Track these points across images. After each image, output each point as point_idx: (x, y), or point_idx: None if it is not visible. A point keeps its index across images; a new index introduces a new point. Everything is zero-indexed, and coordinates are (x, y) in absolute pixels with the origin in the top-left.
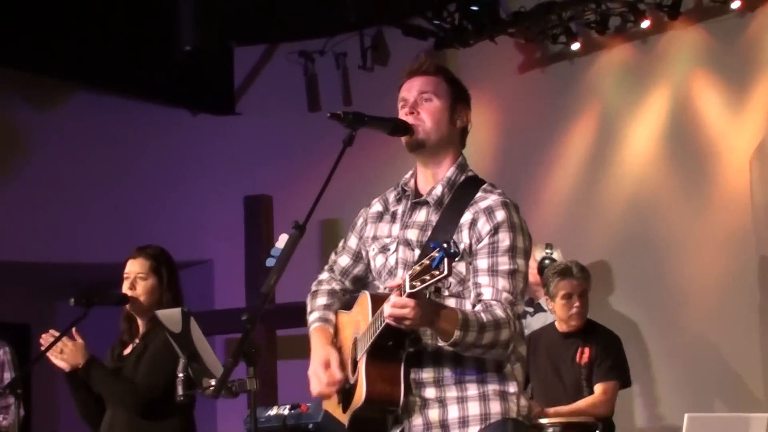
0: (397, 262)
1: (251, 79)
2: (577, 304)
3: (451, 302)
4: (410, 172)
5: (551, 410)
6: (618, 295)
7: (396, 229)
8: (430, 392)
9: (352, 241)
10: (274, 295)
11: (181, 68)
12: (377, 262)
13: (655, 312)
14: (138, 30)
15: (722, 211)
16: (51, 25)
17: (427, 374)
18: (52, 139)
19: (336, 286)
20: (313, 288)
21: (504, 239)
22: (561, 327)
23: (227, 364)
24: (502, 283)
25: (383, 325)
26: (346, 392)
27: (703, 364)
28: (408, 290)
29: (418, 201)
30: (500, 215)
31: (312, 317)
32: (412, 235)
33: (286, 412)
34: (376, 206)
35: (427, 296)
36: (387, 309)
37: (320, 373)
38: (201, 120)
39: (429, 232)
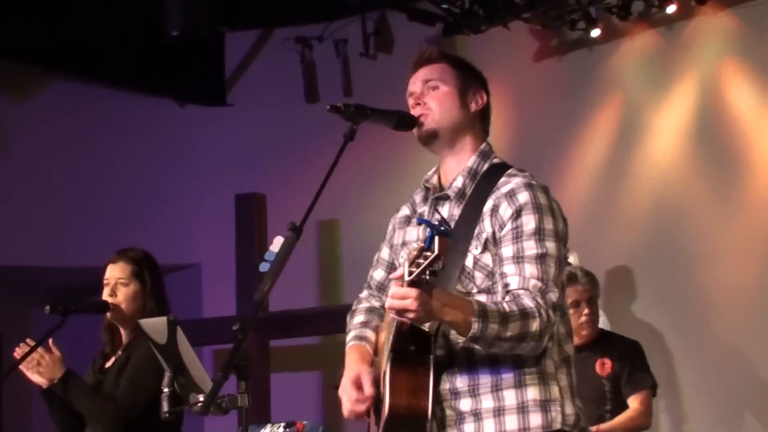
0: None
1: (244, 68)
2: (586, 311)
3: (481, 299)
4: (433, 169)
5: (592, 428)
6: (641, 303)
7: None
8: (465, 404)
9: (385, 252)
10: (268, 303)
11: (168, 55)
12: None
13: (682, 321)
14: (121, 14)
15: (755, 212)
16: (27, 9)
17: (461, 382)
18: (27, 131)
19: (375, 303)
20: (353, 307)
21: (528, 222)
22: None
23: (217, 378)
24: (530, 269)
25: (395, 326)
26: (379, 409)
27: (734, 377)
28: (407, 277)
29: (438, 196)
30: (523, 197)
31: (349, 336)
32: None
33: (281, 430)
34: (404, 210)
35: (426, 281)
36: (387, 302)
37: (349, 390)
38: (189, 111)
39: (453, 226)
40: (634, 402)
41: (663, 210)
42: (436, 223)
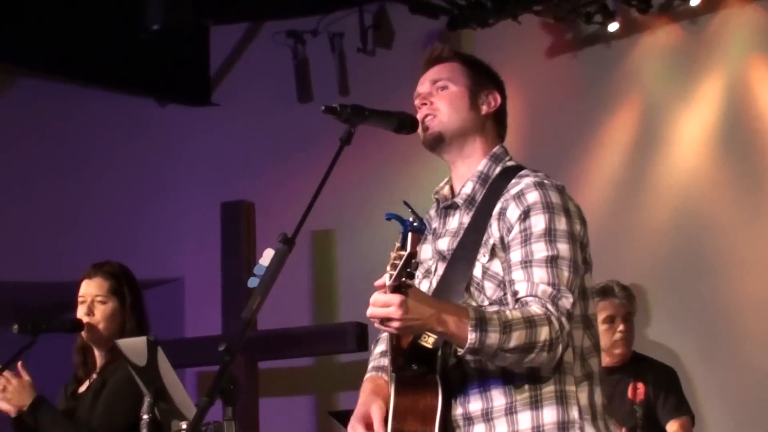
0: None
1: (230, 64)
2: (621, 328)
3: (493, 310)
4: (445, 180)
5: None
6: (661, 324)
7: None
8: (479, 431)
9: None
10: (257, 321)
11: (148, 51)
12: (422, 289)
13: (708, 346)
14: (96, 5)
15: None
16: None
17: (474, 406)
18: None
19: None
20: (378, 335)
21: (537, 223)
22: (603, 360)
23: (201, 403)
24: (539, 274)
25: (390, 340)
26: None
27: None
28: (388, 282)
29: (447, 205)
30: (532, 196)
31: (368, 368)
32: (444, 244)
33: None
34: None
35: (405, 285)
36: (369, 310)
37: (356, 427)
38: (170, 112)
39: (462, 236)
40: (673, 426)
41: (686, 221)
42: (410, 219)
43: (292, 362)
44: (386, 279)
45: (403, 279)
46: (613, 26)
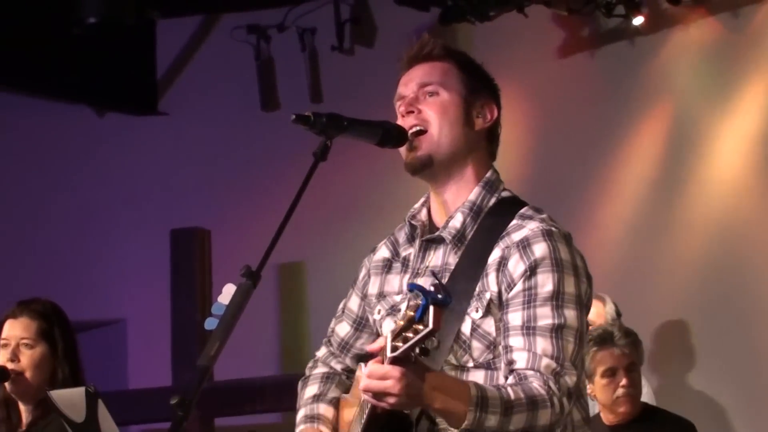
0: None
1: (181, 66)
2: (623, 382)
3: (478, 375)
4: (421, 200)
5: None
6: (696, 372)
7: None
8: None
9: (354, 302)
10: (214, 370)
11: (83, 49)
12: (385, 328)
13: (751, 395)
14: None
15: None
16: None
17: None
18: None
19: (336, 366)
20: (306, 372)
21: (545, 282)
22: (607, 418)
23: None
24: (542, 344)
25: (369, 408)
26: None
27: None
28: (389, 353)
29: (431, 238)
30: (540, 249)
31: (299, 417)
32: (424, 285)
33: None
34: (382, 251)
35: (413, 359)
36: (363, 381)
37: None
38: (110, 122)
39: (447, 280)
40: None
41: (724, 250)
42: (432, 288)
43: (255, 419)
44: (387, 347)
45: (413, 353)
46: (639, 20)
